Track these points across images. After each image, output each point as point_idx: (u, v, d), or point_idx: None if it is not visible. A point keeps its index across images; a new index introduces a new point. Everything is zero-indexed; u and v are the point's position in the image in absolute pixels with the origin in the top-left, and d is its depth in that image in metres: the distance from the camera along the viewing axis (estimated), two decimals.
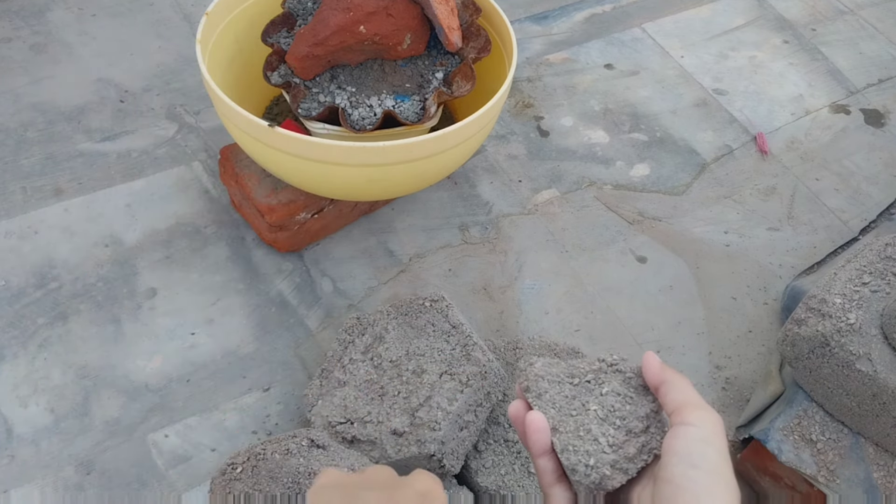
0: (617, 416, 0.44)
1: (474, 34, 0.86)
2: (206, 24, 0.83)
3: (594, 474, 0.42)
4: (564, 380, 0.46)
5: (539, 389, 0.46)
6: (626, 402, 0.44)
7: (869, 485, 0.73)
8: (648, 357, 0.44)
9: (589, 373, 0.46)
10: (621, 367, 0.46)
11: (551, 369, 0.47)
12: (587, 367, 0.47)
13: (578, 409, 0.45)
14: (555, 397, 0.45)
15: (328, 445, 0.63)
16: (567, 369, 0.47)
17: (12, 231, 0.92)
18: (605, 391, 0.45)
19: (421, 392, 0.69)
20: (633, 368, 0.46)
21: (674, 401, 0.41)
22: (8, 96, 1.05)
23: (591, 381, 0.46)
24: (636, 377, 0.45)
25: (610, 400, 0.44)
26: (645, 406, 0.44)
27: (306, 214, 0.89)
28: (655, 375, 0.43)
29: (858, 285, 0.75)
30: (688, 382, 0.42)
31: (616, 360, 0.46)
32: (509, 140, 1.10)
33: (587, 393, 0.45)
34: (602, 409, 0.44)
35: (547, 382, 0.46)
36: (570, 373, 0.46)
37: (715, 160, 1.11)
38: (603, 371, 0.46)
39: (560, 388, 0.46)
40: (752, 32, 1.32)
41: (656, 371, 0.43)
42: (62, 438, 0.77)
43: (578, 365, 0.47)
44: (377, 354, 0.74)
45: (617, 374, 0.46)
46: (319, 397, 0.73)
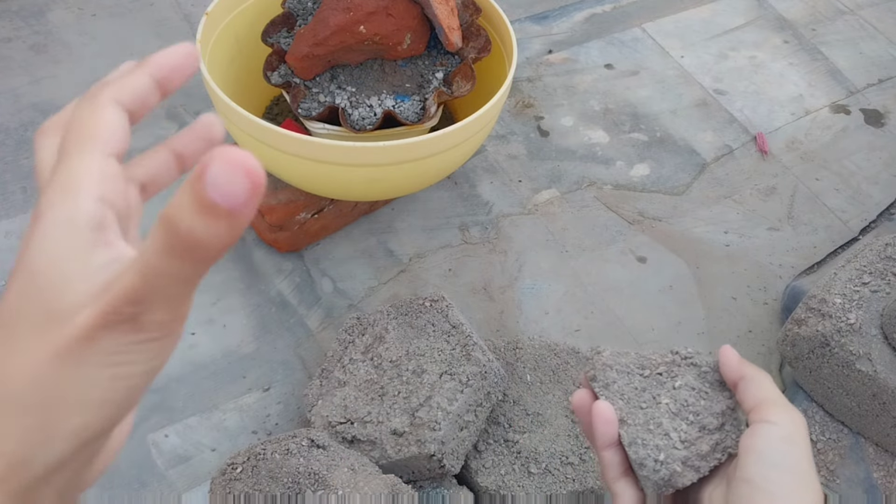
0: (690, 410, 0.41)
1: (474, 34, 0.86)
2: (206, 24, 0.83)
3: (664, 470, 0.39)
4: (634, 371, 0.44)
5: (607, 379, 0.43)
6: (701, 396, 0.42)
7: (869, 485, 0.73)
8: (726, 351, 0.42)
9: (661, 365, 0.44)
10: (696, 361, 0.44)
11: (620, 359, 0.44)
12: (659, 358, 0.44)
13: (649, 401, 0.42)
14: (623, 388, 0.43)
15: (328, 445, 0.63)
16: (637, 360, 0.45)
17: (12, 231, 0.92)
18: (679, 384, 0.43)
19: (421, 392, 0.69)
20: (710, 363, 0.44)
21: (753, 398, 0.39)
22: (8, 96, 1.05)
23: (662, 374, 0.44)
24: (712, 372, 0.43)
25: (683, 394, 0.42)
26: (721, 402, 0.42)
27: (306, 214, 0.89)
28: (734, 371, 0.41)
29: (858, 285, 0.75)
30: (768, 379, 0.40)
31: (691, 352, 0.44)
32: (509, 140, 1.10)
33: (658, 385, 0.43)
34: (675, 402, 0.42)
35: (615, 372, 0.44)
36: (641, 364, 0.44)
37: (715, 160, 1.11)
38: (676, 364, 0.44)
39: (629, 378, 0.44)
40: (752, 32, 1.32)
41: (734, 365, 0.41)
42: None
43: (649, 356, 0.45)
44: (377, 354, 0.74)
45: (691, 368, 0.43)
46: (319, 397, 0.73)
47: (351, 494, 0.58)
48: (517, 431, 0.74)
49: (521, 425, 0.75)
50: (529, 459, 0.72)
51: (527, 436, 0.74)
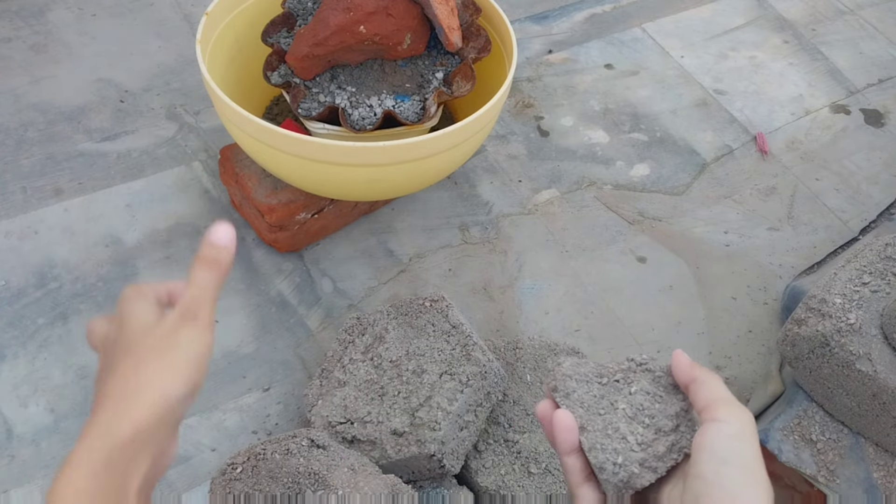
0: (646, 414, 0.43)
1: (474, 34, 0.86)
2: (206, 24, 0.83)
3: (622, 472, 0.41)
4: (593, 379, 0.46)
5: (567, 389, 0.45)
6: (656, 400, 0.44)
7: (869, 485, 0.73)
8: (678, 355, 0.44)
9: (618, 372, 0.46)
10: (650, 366, 0.46)
11: (580, 369, 0.46)
12: (616, 366, 0.46)
13: (607, 407, 0.44)
14: (583, 396, 0.45)
15: (328, 445, 0.63)
16: (595, 369, 0.47)
17: (12, 231, 0.92)
18: (634, 390, 0.45)
19: (421, 392, 0.69)
20: (663, 367, 0.45)
21: (704, 398, 0.41)
22: (8, 96, 1.05)
23: (619, 381, 0.45)
24: (666, 376, 0.45)
25: (639, 399, 0.44)
26: (675, 404, 0.44)
27: (306, 214, 0.89)
28: (685, 373, 0.43)
29: (858, 285, 0.75)
30: (718, 380, 0.42)
31: (645, 359, 0.46)
32: (509, 140, 1.10)
33: (616, 392, 0.45)
34: (631, 407, 0.44)
35: (575, 382, 0.46)
36: (599, 372, 0.46)
37: (715, 160, 1.11)
38: (632, 370, 0.46)
39: (588, 387, 0.45)
40: (752, 32, 1.32)
41: (686, 369, 0.43)
42: (62, 438, 0.77)
43: (607, 365, 0.47)
44: (377, 354, 0.74)
45: (646, 373, 0.45)
46: (319, 397, 0.73)
47: (351, 494, 0.58)
48: (517, 431, 0.74)
49: (521, 425, 0.75)
50: (529, 459, 0.72)
51: (527, 436, 0.74)
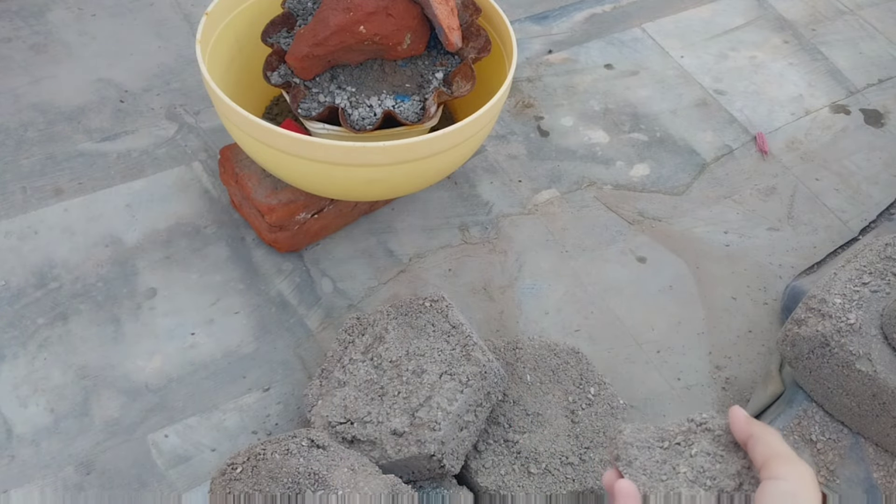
0: (707, 476, 0.43)
1: (474, 34, 0.86)
2: (206, 24, 0.83)
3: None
4: (654, 444, 0.46)
5: (629, 456, 0.46)
6: (717, 460, 0.44)
7: (869, 485, 0.73)
8: (734, 412, 0.44)
9: (678, 434, 0.46)
10: (710, 425, 0.45)
11: (640, 435, 0.47)
12: (676, 428, 0.46)
13: (668, 472, 0.44)
14: (645, 463, 0.45)
15: (328, 445, 0.63)
16: (656, 433, 0.47)
17: (12, 231, 0.92)
18: (695, 451, 0.44)
19: (421, 392, 0.69)
20: (722, 426, 0.45)
21: (761, 455, 0.41)
22: (8, 96, 1.05)
23: (680, 444, 0.45)
24: (725, 434, 0.45)
25: (700, 460, 0.44)
26: (736, 463, 0.43)
27: (306, 214, 0.89)
28: (742, 430, 0.43)
29: (858, 285, 0.75)
30: (775, 434, 0.42)
31: (705, 418, 0.46)
32: (509, 140, 1.10)
33: (677, 456, 0.45)
34: (692, 470, 0.44)
35: (636, 449, 0.46)
36: (660, 436, 0.46)
37: (715, 160, 1.11)
38: (692, 431, 0.46)
39: (650, 453, 0.46)
40: (752, 32, 1.32)
41: (742, 426, 0.43)
42: (62, 438, 0.77)
43: (668, 427, 0.47)
44: (377, 354, 0.74)
45: (706, 433, 0.45)
46: (319, 397, 0.73)
47: (351, 494, 0.58)
48: (517, 431, 0.74)
49: (521, 425, 0.75)
50: (529, 459, 0.72)
51: (527, 436, 0.74)
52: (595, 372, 0.80)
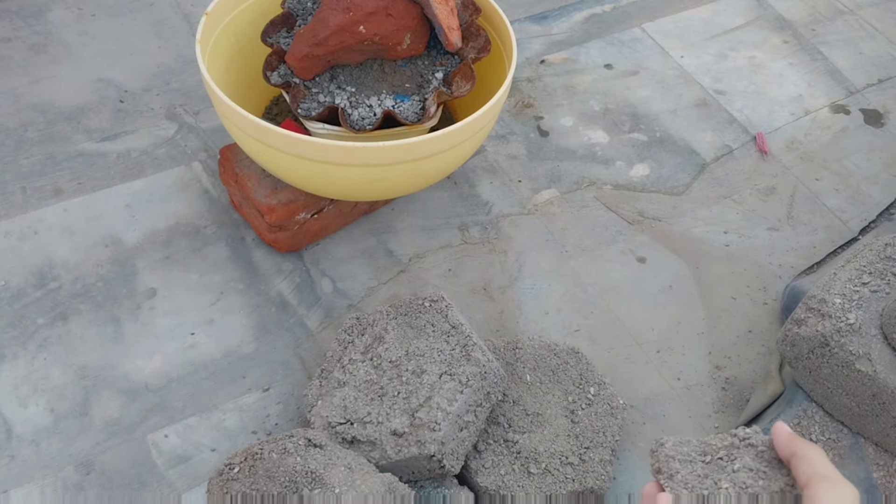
0: (749, 492, 0.42)
1: (474, 34, 0.86)
2: (205, 24, 0.83)
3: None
4: (696, 458, 0.45)
5: (670, 470, 0.45)
6: (759, 477, 0.43)
7: (869, 485, 0.73)
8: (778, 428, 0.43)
9: (721, 449, 0.45)
10: (753, 441, 0.45)
11: (682, 448, 0.46)
12: (719, 442, 0.46)
13: (710, 487, 0.44)
14: (686, 477, 0.44)
15: (325, 445, 0.63)
16: (699, 447, 0.46)
17: (12, 231, 0.92)
18: (737, 467, 0.44)
19: (421, 392, 0.69)
20: (766, 441, 0.44)
21: (804, 474, 0.40)
22: (8, 96, 1.05)
23: (723, 458, 0.45)
24: (769, 450, 0.44)
25: (742, 476, 0.43)
26: (779, 480, 0.42)
27: (306, 214, 0.89)
28: (784, 447, 0.42)
29: (858, 285, 0.75)
30: (819, 453, 0.41)
31: (749, 433, 0.45)
32: (509, 140, 1.10)
33: (719, 470, 0.44)
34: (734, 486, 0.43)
35: (678, 462, 0.45)
36: (703, 450, 0.46)
37: (715, 160, 1.11)
38: (735, 446, 0.45)
39: (692, 467, 0.45)
40: (752, 32, 1.32)
41: (785, 443, 0.42)
42: (62, 438, 0.77)
43: (710, 441, 0.46)
44: (377, 355, 0.74)
45: (749, 449, 0.44)
46: (319, 397, 0.73)
47: (347, 493, 0.58)
48: (517, 431, 0.74)
49: (521, 425, 0.75)
50: (529, 459, 0.72)
51: (527, 436, 0.74)
52: (595, 372, 0.80)
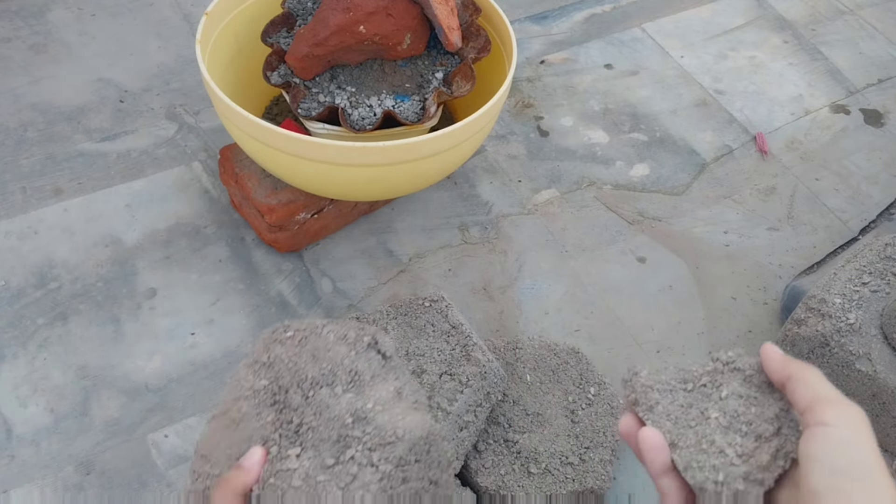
0: (742, 421, 0.39)
1: (474, 34, 0.86)
2: (205, 24, 0.83)
3: (726, 491, 0.37)
4: (677, 387, 0.42)
5: (649, 401, 0.41)
6: (751, 403, 0.40)
7: None
8: (767, 350, 0.39)
9: (703, 375, 0.42)
10: (739, 365, 0.41)
11: (659, 377, 0.42)
12: (700, 369, 0.42)
13: (697, 418, 0.40)
14: (668, 408, 0.41)
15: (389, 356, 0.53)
16: (678, 375, 0.42)
17: (12, 231, 0.92)
18: (725, 394, 0.40)
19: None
20: (753, 365, 0.41)
21: (803, 398, 0.36)
22: (8, 96, 1.05)
23: (707, 385, 0.41)
24: (758, 374, 0.40)
25: (732, 404, 0.40)
26: (773, 405, 0.39)
27: (306, 214, 0.89)
28: (778, 371, 0.38)
29: (858, 285, 0.75)
30: (817, 374, 0.37)
31: (731, 357, 0.42)
32: (509, 140, 1.10)
33: (705, 399, 0.41)
34: (724, 415, 0.40)
35: (657, 392, 0.42)
36: (682, 378, 0.42)
37: (715, 160, 1.11)
38: (719, 371, 0.42)
39: (673, 396, 0.41)
40: (752, 32, 1.32)
41: (779, 366, 0.38)
42: (62, 438, 0.77)
43: (690, 368, 0.43)
44: None
45: (735, 374, 0.41)
46: None
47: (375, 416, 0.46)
48: (517, 431, 0.74)
49: (521, 425, 0.75)
50: (529, 459, 0.72)
51: (527, 436, 0.74)
52: (595, 372, 0.80)
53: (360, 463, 0.41)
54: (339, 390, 0.45)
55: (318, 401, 0.45)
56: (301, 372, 0.47)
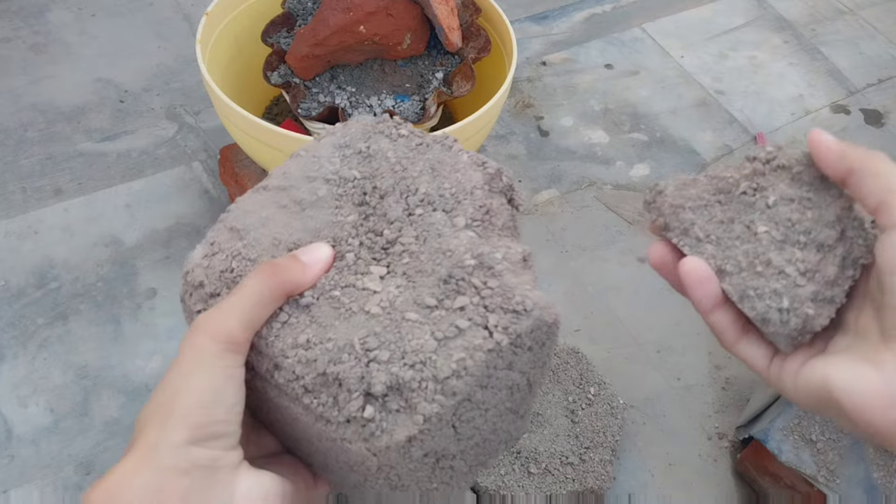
0: (798, 230, 0.32)
1: (474, 34, 0.86)
2: (206, 24, 0.83)
3: (794, 319, 0.31)
4: (711, 200, 0.35)
5: (682, 223, 0.35)
6: (805, 207, 0.33)
7: (869, 485, 0.73)
8: (818, 138, 0.32)
9: (741, 181, 0.34)
10: (783, 161, 0.34)
11: (689, 191, 0.35)
12: (736, 173, 0.35)
13: (743, 234, 0.33)
14: (706, 227, 0.34)
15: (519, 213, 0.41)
16: (709, 184, 0.35)
17: (12, 231, 0.92)
18: (773, 200, 0.33)
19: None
20: (800, 159, 0.34)
21: (873, 193, 0.30)
22: (8, 96, 1.05)
23: (747, 193, 0.34)
24: (807, 169, 0.33)
25: (783, 211, 0.33)
26: (832, 204, 0.32)
27: None
28: (835, 163, 0.32)
29: None
30: (886, 161, 0.31)
31: (771, 152, 0.34)
32: (509, 140, 1.10)
33: (748, 209, 0.34)
34: (776, 226, 0.33)
35: (690, 211, 0.35)
36: (716, 188, 0.35)
37: (715, 160, 1.11)
38: (759, 173, 0.34)
39: (710, 212, 0.34)
40: (752, 32, 1.32)
41: (836, 157, 0.32)
42: (62, 438, 0.77)
43: (723, 175, 0.35)
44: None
45: (780, 173, 0.34)
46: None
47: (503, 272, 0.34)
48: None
49: None
50: (529, 459, 0.72)
51: (527, 436, 0.74)
52: (595, 372, 0.80)
53: (471, 319, 0.31)
54: (461, 222, 0.34)
55: (428, 223, 0.34)
56: (412, 182, 0.36)
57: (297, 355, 0.31)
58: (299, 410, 0.31)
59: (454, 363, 0.30)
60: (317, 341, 0.31)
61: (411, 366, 0.29)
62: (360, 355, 0.30)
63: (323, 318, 0.31)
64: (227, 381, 0.28)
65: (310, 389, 0.30)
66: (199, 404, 0.28)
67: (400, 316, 0.31)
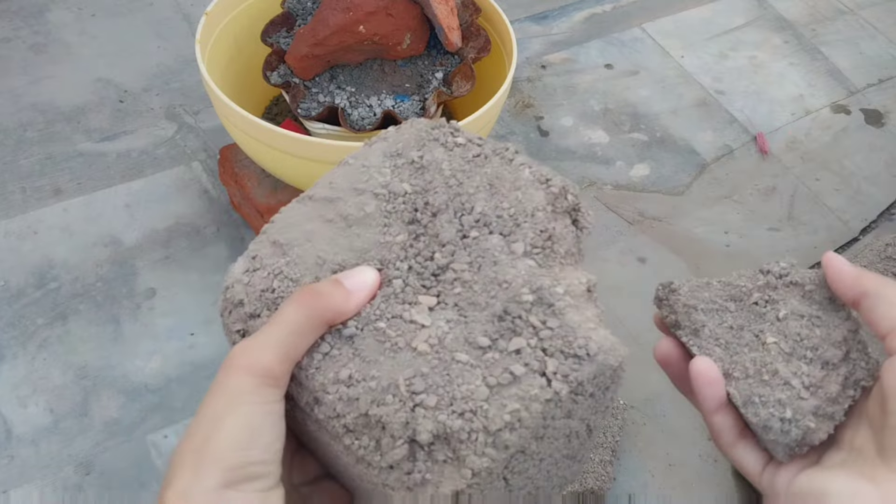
0: (806, 345, 0.34)
1: (474, 34, 0.86)
2: (205, 24, 0.83)
3: (795, 430, 0.32)
4: (724, 305, 0.36)
5: (693, 323, 0.36)
6: (814, 324, 0.34)
7: None
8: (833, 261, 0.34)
9: (754, 291, 0.36)
10: (796, 278, 0.35)
11: (702, 294, 0.36)
12: (749, 283, 0.36)
13: (752, 342, 0.35)
14: (716, 331, 0.35)
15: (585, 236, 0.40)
16: (722, 290, 0.36)
17: (11, 231, 0.92)
18: (783, 314, 0.34)
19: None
20: (813, 278, 0.35)
21: (885, 318, 0.31)
22: (7, 96, 1.05)
23: (758, 303, 0.35)
24: (819, 289, 0.35)
25: (792, 325, 0.34)
26: (839, 326, 0.34)
27: None
28: (848, 286, 0.33)
29: None
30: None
31: (785, 268, 0.36)
32: (509, 140, 1.10)
33: (758, 319, 0.35)
34: (785, 339, 0.34)
35: (702, 313, 0.36)
36: (729, 294, 0.36)
37: (715, 160, 1.11)
38: (772, 286, 0.36)
39: (721, 317, 0.36)
40: (752, 32, 1.32)
41: (849, 280, 0.33)
42: (62, 438, 0.77)
43: (737, 283, 0.36)
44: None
45: (792, 289, 0.35)
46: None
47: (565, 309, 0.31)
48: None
49: None
50: None
51: None
52: None
53: (527, 364, 0.28)
54: (520, 249, 0.32)
55: (483, 248, 0.31)
56: (467, 199, 0.33)
57: (338, 391, 0.28)
58: (340, 449, 0.29)
59: (508, 414, 0.27)
60: (359, 378, 0.28)
61: (460, 414, 0.27)
62: (406, 398, 0.27)
63: (367, 351, 0.29)
64: (265, 417, 0.27)
65: (351, 429, 0.28)
66: (233, 446, 0.26)
67: (449, 356, 0.29)
